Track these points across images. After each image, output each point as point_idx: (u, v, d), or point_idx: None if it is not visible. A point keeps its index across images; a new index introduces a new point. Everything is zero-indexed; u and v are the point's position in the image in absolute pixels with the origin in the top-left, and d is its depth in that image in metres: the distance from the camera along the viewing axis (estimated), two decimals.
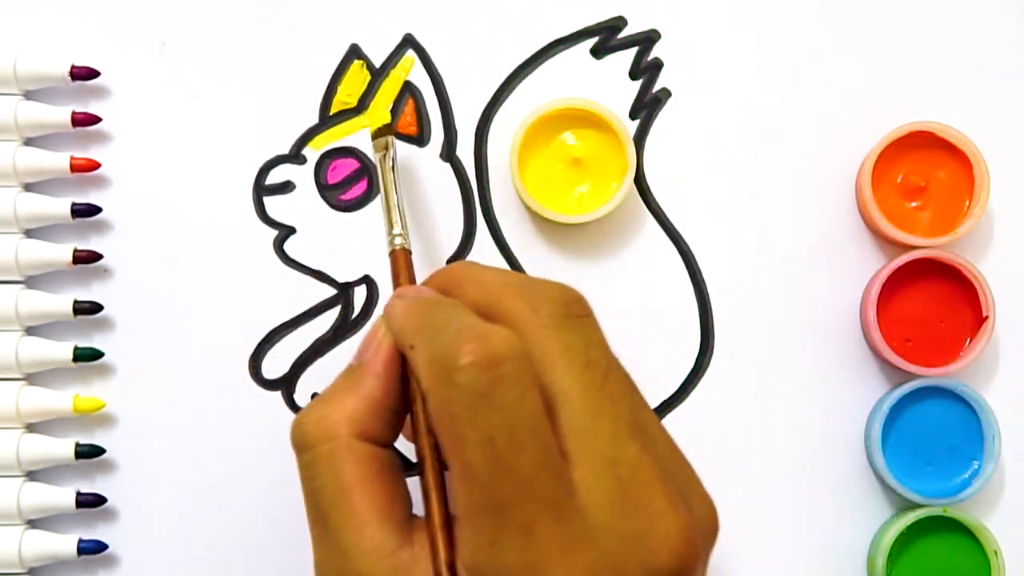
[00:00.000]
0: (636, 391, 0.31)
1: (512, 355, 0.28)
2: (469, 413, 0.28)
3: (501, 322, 0.30)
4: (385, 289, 0.42)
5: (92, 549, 0.40)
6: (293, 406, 0.42)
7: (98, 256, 0.41)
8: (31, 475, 0.41)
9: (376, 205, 0.42)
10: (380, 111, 0.42)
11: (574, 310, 0.30)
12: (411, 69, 0.43)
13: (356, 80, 0.43)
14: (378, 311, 0.42)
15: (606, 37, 0.43)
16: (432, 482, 0.30)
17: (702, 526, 0.30)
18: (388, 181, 0.38)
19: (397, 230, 0.37)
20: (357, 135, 0.43)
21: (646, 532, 0.28)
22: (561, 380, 0.29)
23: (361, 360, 0.33)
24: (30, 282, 0.41)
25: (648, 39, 0.43)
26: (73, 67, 0.41)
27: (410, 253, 0.36)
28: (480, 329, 0.29)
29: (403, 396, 0.32)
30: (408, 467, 0.33)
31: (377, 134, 0.40)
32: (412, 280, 0.36)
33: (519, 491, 0.27)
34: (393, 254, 0.36)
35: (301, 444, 0.31)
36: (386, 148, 0.39)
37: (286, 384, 0.42)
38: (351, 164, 0.42)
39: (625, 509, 0.28)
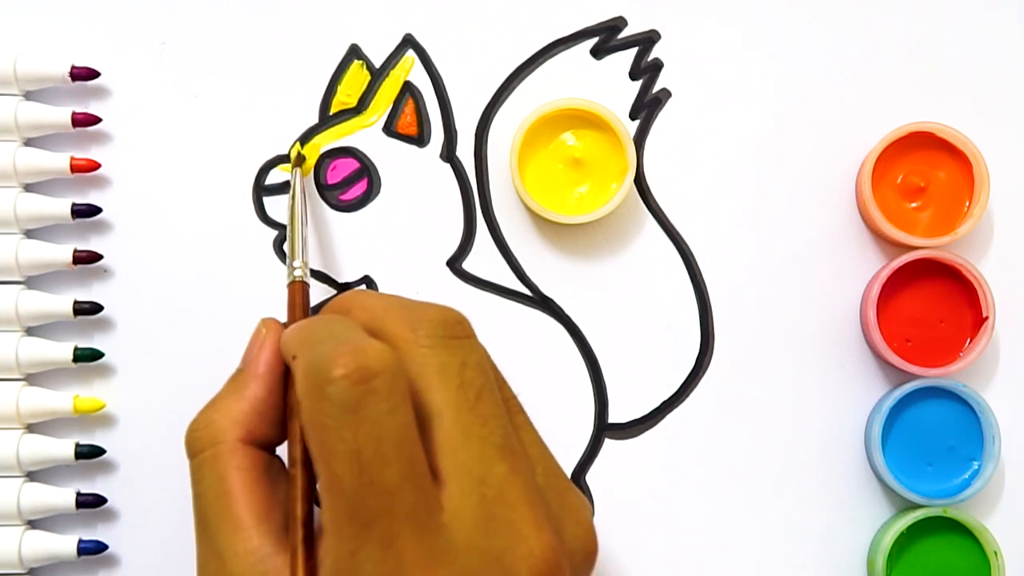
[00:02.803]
0: (515, 413, 0.32)
1: (384, 369, 0.29)
2: (338, 424, 0.28)
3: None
4: (385, 289, 0.42)
5: (92, 549, 0.40)
6: None
7: (98, 256, 0.41)
8: (31, 475, 0.41)
9: (377, 205, 0.42)
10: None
11: (453, 331, 0.31)
12: (411, 69, 0.43)
13: (356, 80, 0.43)
14: None
15: (606, 37, 0.43)
16: (300, 491, 0.31)
17: (573, 550, 0.31)
18: (295, 211, 0.39)
19: (297, 263, 0.37)
20: (357, 135, 0.43)
21: (507, 551, 0.28)
22: (435, 399, 0.30)
23: (245, 364, 0.34)
24: (30, 282, 0.41)
25: (648, 39, 0.43)
26: (73, 67, 0.41)
27: (307, 287, 0.37)
28: (356, 343, 0.29)
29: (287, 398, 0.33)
30: None
31: (296, 162, 0.41)
32: (306, 314, 0.36)
33: (382, 504, 0.28)
34: (291, 286, 0.37)
35: (190, 451, 0.33)
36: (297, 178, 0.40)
37: None
38: (351, 164, 0.42)
39: (488, 528, 0.29)
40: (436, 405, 0.30)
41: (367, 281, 0.42)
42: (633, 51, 0.43)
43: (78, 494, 0.40)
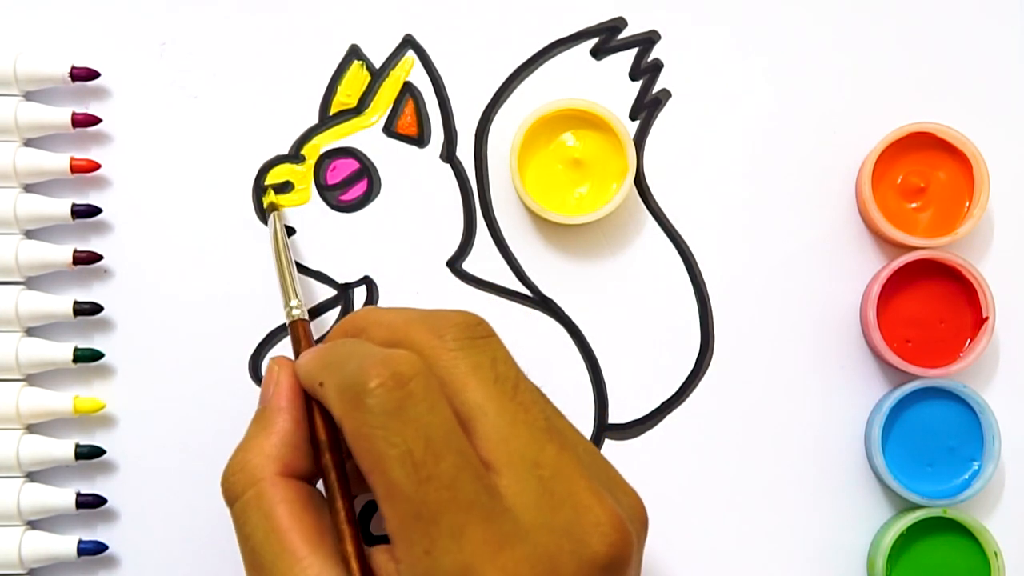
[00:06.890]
0: (547, 400, 0.32)
1: (417, 372, 0.29)
2: (384, 432, 0.29)
3: None
4: (385, 290, 0.42)
5: (92, 550, 0.40)
6: None
7: (98, 257, 0.41)
8: (31, 476, 0.41)
9: (377, 205, 0.42)
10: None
11: (477, 332, 0.32)
12: (411, 69, 0.43)
13: (356, 80, 0.43)
14: None
15: (606, 38, 0.43)
16: (343, 515, 0.31)
17: (631, 518, 0.31)
18: (282, 254, 0.39)
19: (294, 303, 0.37)
20: (357, 135, 0.43)
21: (575, 524, 0.29)
22: (474, 396, 0.30)
23: (265, 401, 0.34)
24: (30, 283, 0.41)
25: (648, 40, 0.43)
26: (73, 68, 0.41)
27: (308, 323, 0.37)
28: (383, 354, 0.30)
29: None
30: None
31: (269, 208, 0.41)
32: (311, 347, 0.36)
33: (444, 498, 0.28)
34: (292, 325, 0.37)
35: (230, 496, 0.33)
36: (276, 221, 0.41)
37: None
38: (351, 164, 0.42)
39: (552, 505, 0.29)
40: (476, 401, 0.30)
41: (367, 281, 0.42)
42: (633, 52, 0.43)
43: (78, 494, 0.40)
